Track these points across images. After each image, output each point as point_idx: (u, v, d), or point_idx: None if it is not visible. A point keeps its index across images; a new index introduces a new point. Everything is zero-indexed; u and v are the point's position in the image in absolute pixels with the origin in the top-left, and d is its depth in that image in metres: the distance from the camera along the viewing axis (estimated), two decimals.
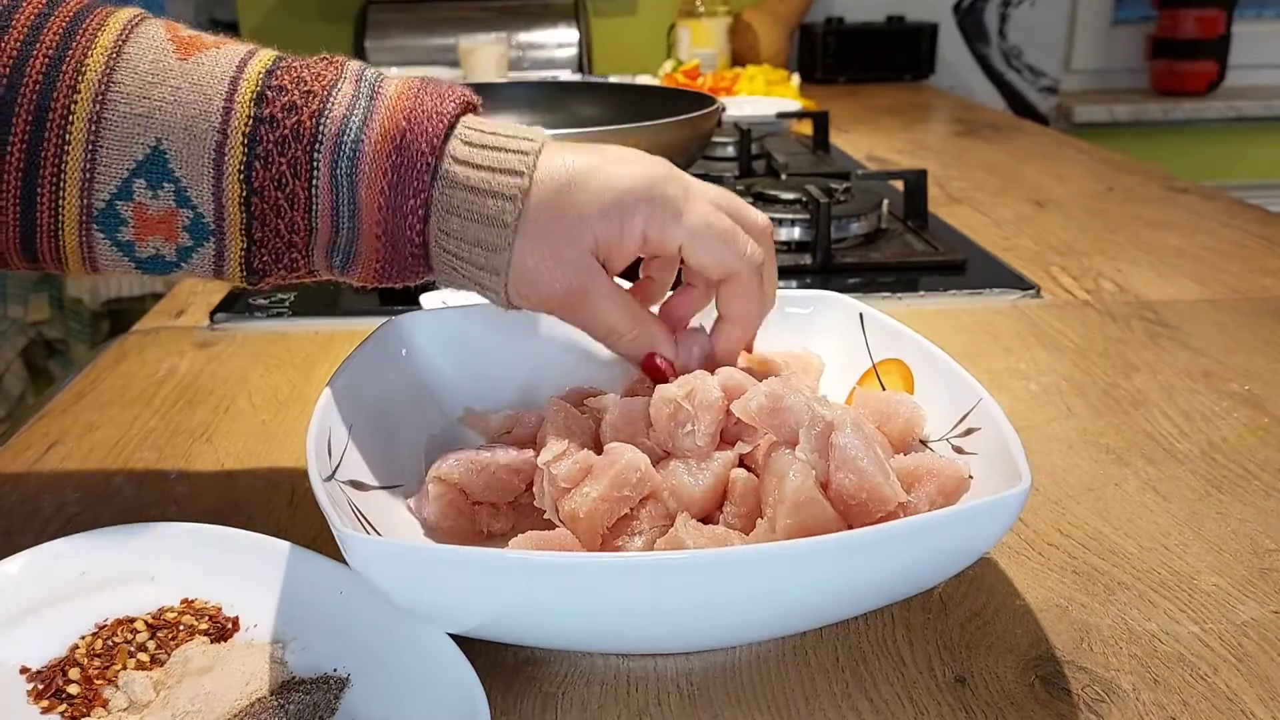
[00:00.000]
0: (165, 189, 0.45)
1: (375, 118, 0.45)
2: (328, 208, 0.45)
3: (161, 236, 0.46)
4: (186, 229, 0.46)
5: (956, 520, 0.38)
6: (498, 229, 0.45)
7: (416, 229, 0.46)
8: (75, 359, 2.30)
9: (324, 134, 0.45)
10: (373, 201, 0.45)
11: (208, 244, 0.46)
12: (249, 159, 0.44)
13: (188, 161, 0.44)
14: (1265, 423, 0.63)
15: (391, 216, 0.45)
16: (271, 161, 0.45)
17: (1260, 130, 2.54)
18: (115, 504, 0.56)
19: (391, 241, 0.46)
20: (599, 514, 0.44)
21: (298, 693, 0.39)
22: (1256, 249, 0.98)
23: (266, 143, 0.44)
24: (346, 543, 0.37)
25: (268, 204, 0.45)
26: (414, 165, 0.45)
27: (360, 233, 0.46)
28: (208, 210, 0.45)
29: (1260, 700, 0.40)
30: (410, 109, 0.46)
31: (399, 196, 0.45)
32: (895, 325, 0.54)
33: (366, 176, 0.45)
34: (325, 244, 0.47)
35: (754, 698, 0.41)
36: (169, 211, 0.45)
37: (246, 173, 0.45)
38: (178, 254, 0.46)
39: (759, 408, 0.45)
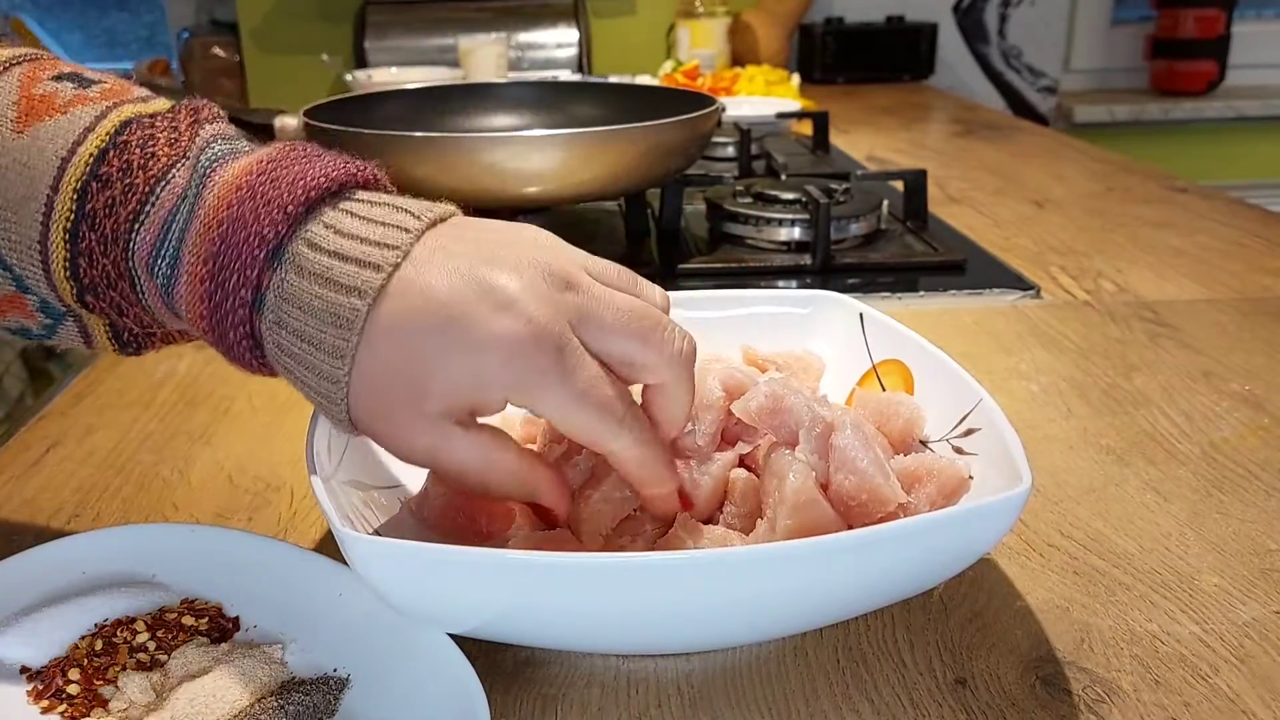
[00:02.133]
0: (2, 276, 0.42)
1: (185, 252, 0.39)
2: (161, 306, 0.41)
3: (18, 316, 0.43)
4: (39, 310, 0.43)
5: (957, 521, 0.38)
6: (343, 329, 0.37)
7: (242, 329, 0.39)
8: (74, 361, 2.30)
9: (138, 243, 0.40)
10: (195, 313, 0.40)
11: (67, 322, 0.43)
12: (72, 256, 0.40)
13: (19, 250, 0.41)
14: (1265, 423, 0.63)
15: (216, 325, 0.40)
16: (95, 260, 0.40)
17: (1260, 130, 2.54)
18: (115, 504, 0.55)
19: (219, 334, 0.40)
20: (601, 516, 0.44)
21: (298, 693, 0.39)
22: (1256, 249, 0.98)
23: (89, 240, 0.40)
24: (346, 543, 0.37)
25: (105, 302, 0.41)
26: (229, 310, 0.39)
27: (192, 328, 0.41)
28: (50, 299, 0.42)
29: (1262, 701, 0.40)
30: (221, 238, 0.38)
31: (220, 308, 0.39)
32: (895, 325, 0.54)
33: (185, 279, 0.39)
34: (181, 328, 0.43)
35: (754, 699, 0.41)
36: (15, 296, 0.42)
37: (73, 269, 0.40)
38: (44, 329, 0.44)
39: (759, 408, 0.45)
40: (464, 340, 0.37)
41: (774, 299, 0.60)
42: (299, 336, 0.38)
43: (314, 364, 0.38)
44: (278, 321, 0.39)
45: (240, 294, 0.39)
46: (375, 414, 0.39)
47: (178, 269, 0.39)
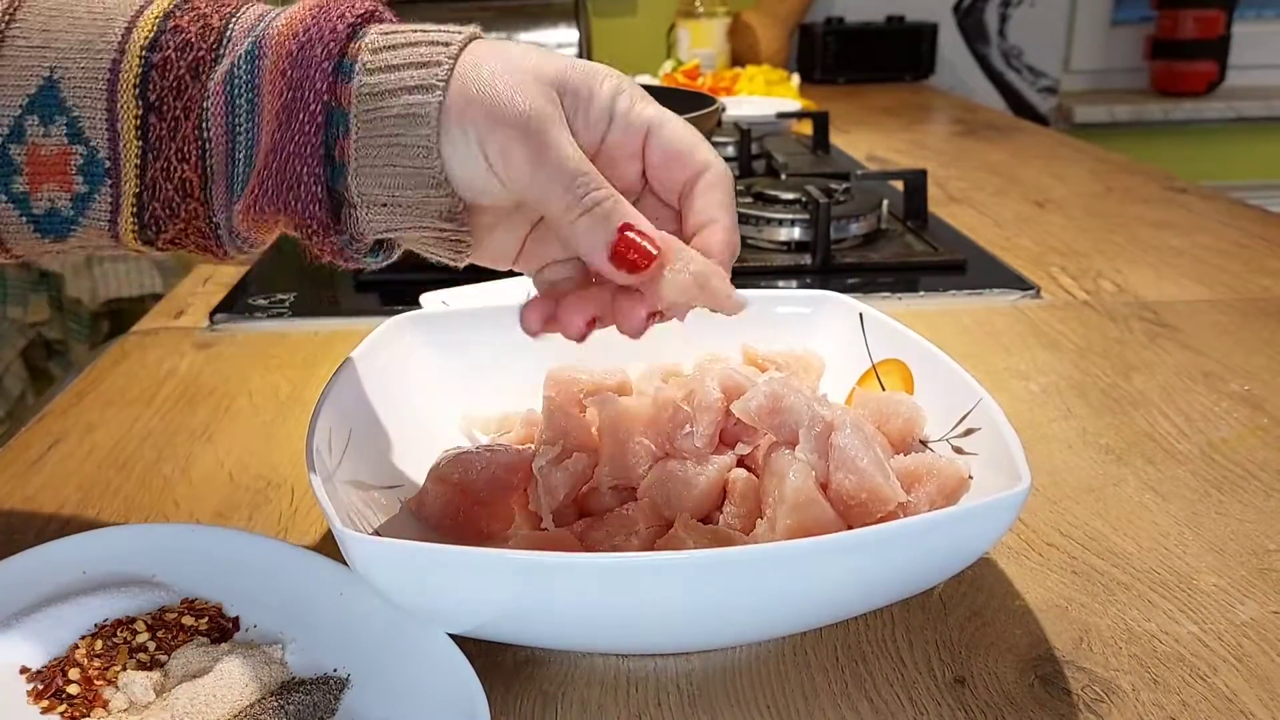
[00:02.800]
0: (57, 123, 0.42)
1: (281, 18, 0.41)
2: (220, 108, 0.41)
3: (56, 183, 0.42)
4: (80, 169, 0.42)
5: (956, 520, 0.38)
6: (429, 81, 0.40)
7: (315, 109, 0.40)
8: (75, 359, 2.30)
9: (232, 31, 0.41)
10: (276, 68, 0.40)
11: (103, 188, 0.42)
12: (145, 69, 0.41)
13: (81, 86, 0.41)
14: (1264, 423, 0.63)
15: (293, 86, 0.40)
16: (170, 67, 0.41)
17: (1260, 130, 2.54)
18: (115, 504, 0.56)
19: (288, 128, 0.41)
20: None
21: (298, 693, 0.39)
22: (1256, 249, 0.98)
23: (167, 49, 0.41)
24: (346, 543, 0.37)
25: (166, 121, 0.41)
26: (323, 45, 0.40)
27: (261, 128, 0.41)
28: (101, 142, 0.42)
29: (1260, 700, 0.40)
30: (316, 9, 0.41)
31: (305, 56, 0.40)
32: (895, 325, 0.54)
33: (273, 42, 0.41)
34: (222, 164, 0.42)
35: (754, 698, 0.41)
36: (62, 151, 0.42)
37: (142, 85, 0.41)
38: (74, 204, 0.43)
39: (759, 408, 0.45)
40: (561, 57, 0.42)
41: (774, 299, 0.60)
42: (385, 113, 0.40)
43: (393, 124, 0.40)
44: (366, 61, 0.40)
45: (318, 81, 0.40)
46: (477, 94, 0.40)
47: (262, 46, 0.41)
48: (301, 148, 0.40)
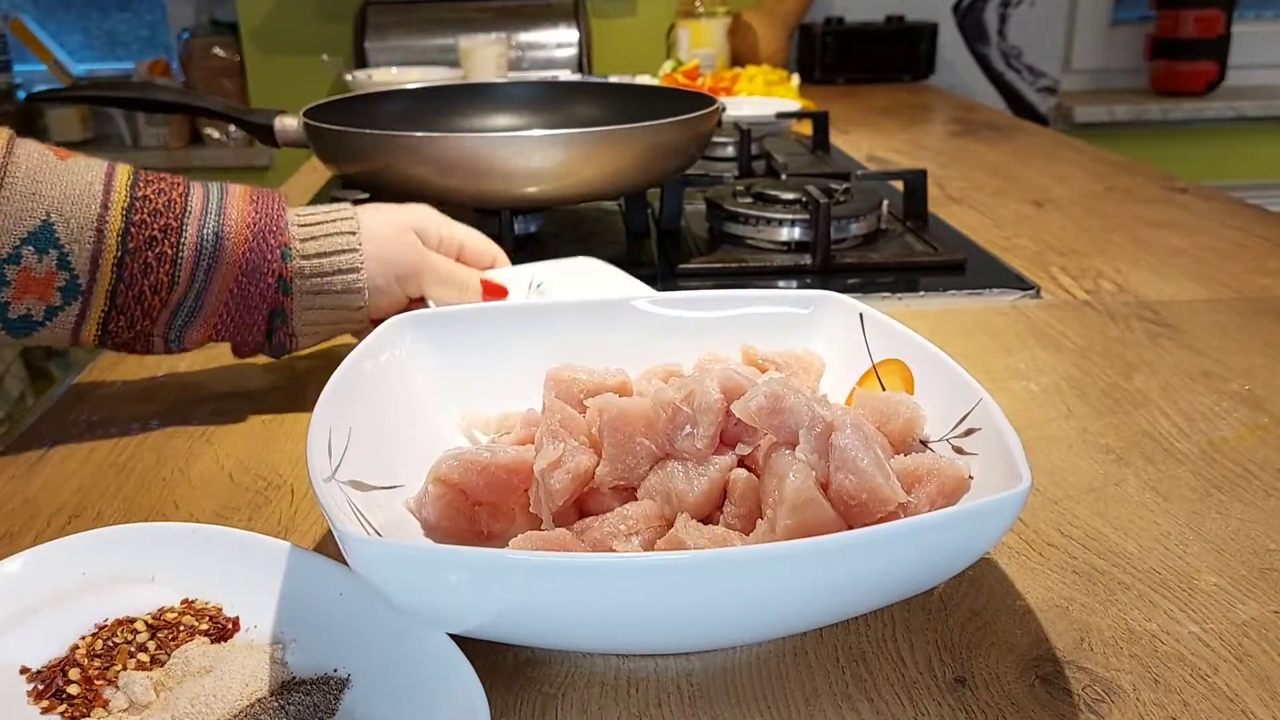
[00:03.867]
0: (50, 254, 0.56)
1: (229, 199, 0.62)
2: (190, 266, 0.59)
3: (35, 297, 0.56)
4: (60, 289, 0.57)
5: (956, 520, 0.38)
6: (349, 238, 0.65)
7: (273, 267, 0.62)
8: (75, 360, 2.30)
9: (190, 208, 0.60)
10: (237, 250, 0.61)
11: (74, 304, 0.57)
12: (125, 225, 0.57)
13: (72, 229, 0.56)
14: (1265, 422, 0.63)
15: (251, 257, 0.61)
16: (145, 226, 0.58)
17: (1260, 130, 2.54)
18: (115, 503, 0.56)
19: (247, 283, 0.62)
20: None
21: (298, 693, 0.39)
22: (1256, 249, 0.98)
23: (142, 212, 0.58)
24: (346, 543, 0.37)
25: (138, 263, 0.58)
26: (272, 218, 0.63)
27: (211, 287, 0.61)
28: (83, 271, 0.57)
29: (1260, 700, 0.40)
30: (255, 203, 0.63)
31: (260, 239, 0.61)
32: (895, 325, 0.54)
33: (232, 229, 0.61)
34: (178, 299, 0.60)
35: (754, 698, 0.41)
36: (49, 274, 0.56)
37: (123, 237, 0.57)
38: (45, 314, 0.57)
39: (759, 408, 0.45)
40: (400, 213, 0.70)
41: (774, 299, 0.60)
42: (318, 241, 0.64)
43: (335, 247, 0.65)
44: (301, 247, 0.64)
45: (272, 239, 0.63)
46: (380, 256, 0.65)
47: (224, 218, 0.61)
48: (249, 309, 0.63)
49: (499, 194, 0.85)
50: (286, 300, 0.62)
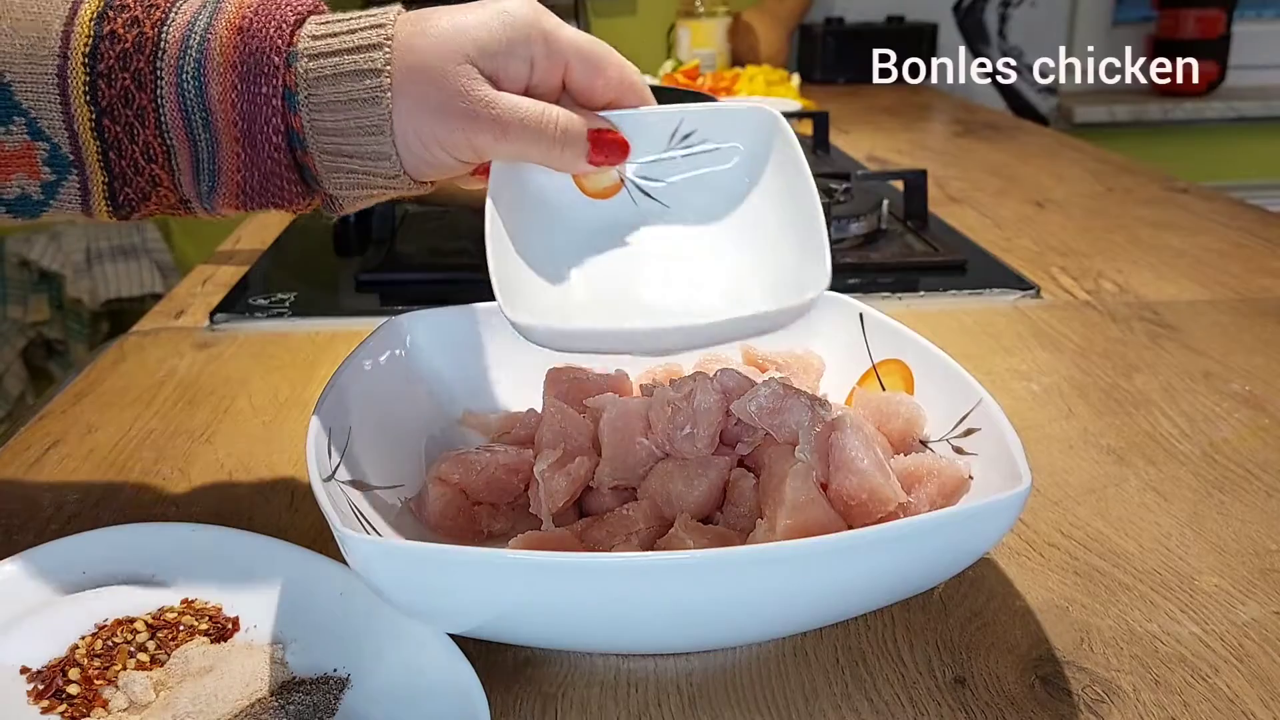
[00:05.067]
0: (16, 122, 0.44)
1: (220, 18, 0.44)
2: (178, 119, 0.44)
3: (23, 174, 0.45)
4: (46, 163, 0.45)
5: (956, 521, 0.38)
6: (369, 79, 0.43)
7: (274, 121, 0.44)
8: (75, 359, 2.30)
9: (166, 40, 0.43)
10: (225, 99, 0.44)
11: (70, 177, 0.45)
12: (92, 78, 0.44)
13: (32, 90, 0.44)
14: (1265, 423, 0.63)
15: (247, 110, 0.44)
16: (115, 77, 0.44)
17: (1260, 130, 2.54)
18: (115, 504, 0.55)
19: (251, 143, 0.44)
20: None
21: (298, 693, 0.39)
22: (1257, 249, 0.98)
23: (108, 58, 0.43)
24: (346, 543, 0.37)
25: (120, 125, 0.44)
26: (265, 51, 0.43)
27: (219, 143, 0.44)
28: (62, 140, 0.45)
29: (1261, 701, 0.40)
30: (256, 6, 0.44)
31: (252, 88, 0.43)
32: (895, 325, 0.54)
33: (215, 72, 0.43)
34: (188, 166, 0.45)
35: (754, 698, 0.41)
36: (25, 145, 0.45)
37: (91, 92, 0.44)
38: (43, 191, 0.46)
39: (759, 408, 0.45)
40: (484, 15, 0.45)
41: None
42: (335, 109, 0.44)
43: (357, 124, 0.44)
44: (312, 104, 0.44)
45: (272, 97, 0.44)
46: (423, 122, 0.44)
47: (205, 68, 0.44)
48: (275, 165, 0.45)
49: None
50: (308, 158, 0.45)
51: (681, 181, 0.49)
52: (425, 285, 0.89)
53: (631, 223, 0.49)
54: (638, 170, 0.48)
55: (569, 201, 0.49)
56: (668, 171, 0.49)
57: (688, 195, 0.49)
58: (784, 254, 0.47)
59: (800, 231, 0.46)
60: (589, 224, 0.49)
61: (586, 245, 0.49)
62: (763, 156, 0.49)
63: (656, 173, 0.49)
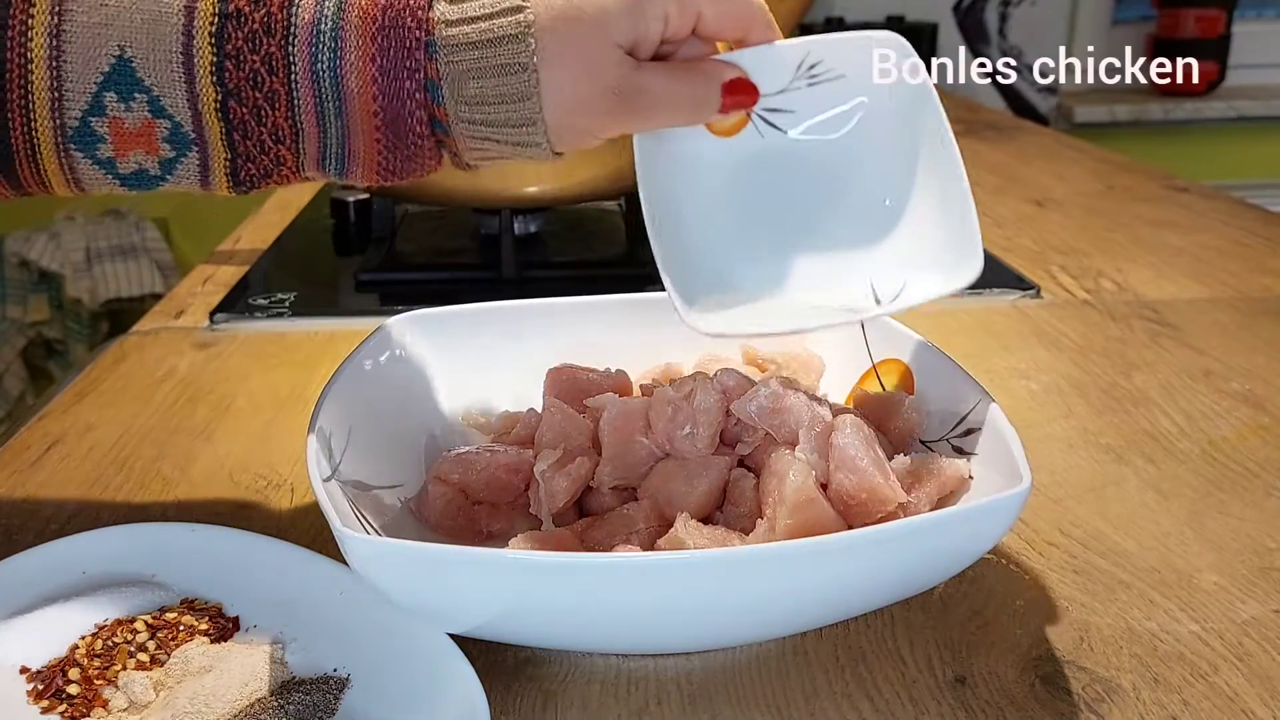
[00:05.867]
0: (138, 99, 0.43)
1: (347, 16, 0.43)
2: (310, 105, 0.43)
3: (142, 150, 0.44)
4: (166, 140, 0.44)
5: (956, 520, 0.38)
6: (518, 74, 0.42)
7: (418, 114, 0.43)
8: (75, 359, 2.30)
9: (297, 24, 0.42)
10: (365, 91, 0.43)
11: (190, 154, 0.44)
12: (219, 59, 0.42)
13: (156, 68, 0.42)
14: (1265, 422, 0.63)
15: (389, 104, 0.43)
16: (244, 60, 0.42)
17: (1260, 130, 2.54)
18: (115, 504, 0.55)
19: (393, 130, 0.44)
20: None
21: (298, 693, 0.39)
22: (1257, 248, 0.98)
23: (236, 39, 0.42)
24: (346, 543, 0.37)
25: (246, 108, 0.43)
26: (404, 41, 0.42)
27: (351, 130, 0.44)
28: (185, 119, 0.43)
29: (1261, 699, 0.40)
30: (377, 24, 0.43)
31: (393, 80, 0.43)
32: (895, 325, 0.54)
33: (352, 64, 0.42)
34: (315, 150, 0.45)
35: (754, 698, 0.41)
36: (146, 123, 0.43)
37: (219, 74, 0.43)
38: (161, 167, 0.45)
39: (759, 408, 0.45)
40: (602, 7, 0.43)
41: None
42: (483, 102, 0.43)
43: (506, 117, 0.44)
44: (458, 99, 0.43)
45: (416, 91, 0.43)
46: (573, 113, 0.44)
47: (341, 58, 0.43)
48: (418, 150, 0.44)
49: (499, 194, 0.85)
50: (450, 140, 0.45)
51: (807, 111, 0.49)
52: (425, 285, 0.89)
53: (765, 160, 0.49)
54: (763, 104, 0.48)
55: (699, 149, 0.49)
56: (793, 103, 0.49)
57: (816, 126, 0.49)
58: (924, 216, 0.47)
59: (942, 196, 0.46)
60: (725, 167, 0.49)
61: (728, 197, 0.49)
62: (895, 92, 0.49)
63: (782, 104, 0.49)
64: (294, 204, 1.23)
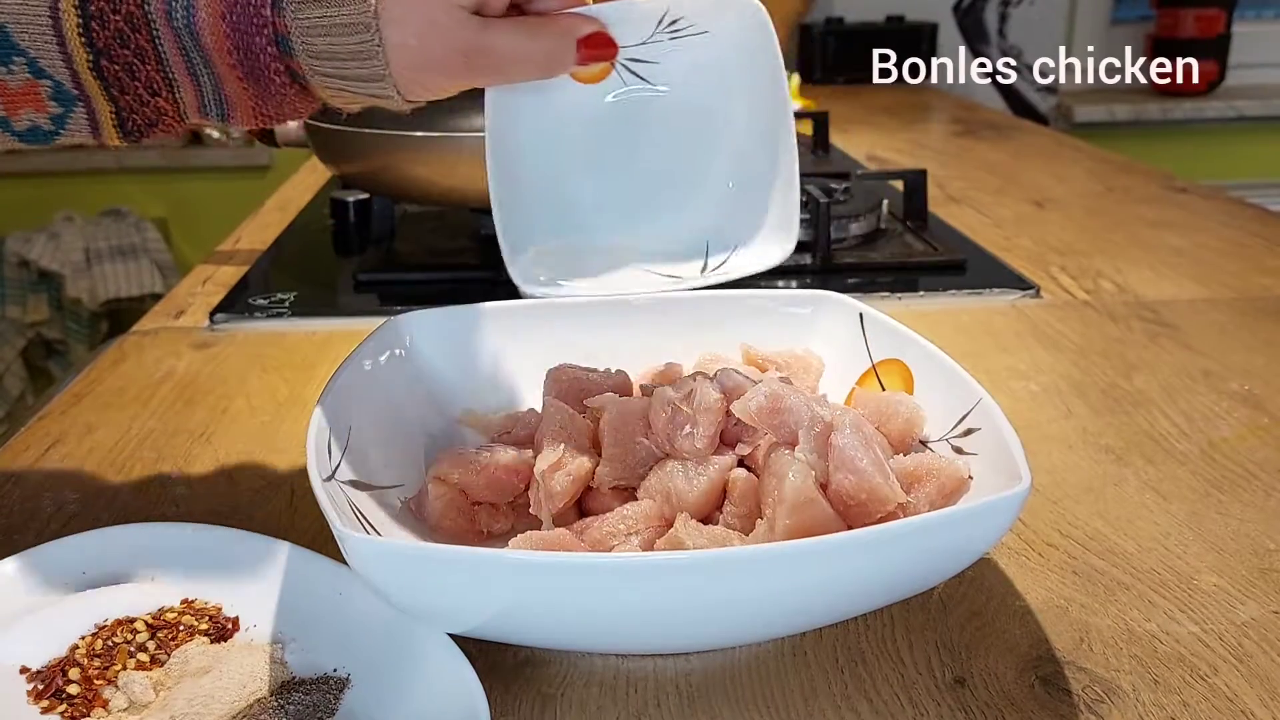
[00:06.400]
0: (17, 62, 0.45)
1: None
2: (178, 59, 0.45)
3: (31, 108, 0.46)
4: (51, 98, 0.46)
5: (956, 520, 0.38)
6: (360, 34, 0.44)
7: (274, 65, 0.45)
8: (74, 359, 2.30)
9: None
10: (220, 45, 0.45)
11: (77, 109, 0.47)
12: (84, 20, 0.44)
13: (29, 32, 0.45)
14: (1265, 422, 0.63)
15: (244, 58, 0.45)
16: (107, 20, 0.44)
17: (1260, 130, 2.54)
18: (115, 504, 0.56)
19: (255, 81, 0.46)
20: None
21: (298, 693, 0.39)
22: (1256, 249, 0.98)
23: (98, 2, 0.44)
24: (346, 543, 0.37)
25: (118, 65, 0.45)
26: (250, 4, 0.44)
27: (221, 78, 0.46)
28: (64, 78, 0.45)
29: (1260, 700, 0.40)
30: None
31: (244, 35, 0.45)
32: (895, 325, 0.54)
33: (204, 21, 0.44)
34: (194, 99, 0.47)
35: (753, 698, 0.41)
36: (28, 84, 0.46)
37: (86, 34, 0.45)
38: (53, 122, 0.47)
39: (759, 408, 0.45)
40: None
41: (774, 299, 0.60)
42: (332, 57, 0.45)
43: (355, 72, 0.45)
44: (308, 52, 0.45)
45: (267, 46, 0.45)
46: (421, 69, 0.45)
47: (195, 15, 0.44)
48: (283, 95, 0.46)
49: None
50: (311, 87, 0.46)
51: (670, 65, 0.51)
52: (425, 285, 0.89)
53: (627, 109, 0.52)
54: (626, 54, 0.50)
55: (557, 98, 0.51)
56: (656, 55, 0.51)
57: (677, 79, 0.52)
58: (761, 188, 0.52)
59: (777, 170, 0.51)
60: (586, 113, 0.51)
61: (585, 142, 0.51)
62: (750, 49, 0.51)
63: (645, 55, 0.51)
64: (294, 204, 1.23)
